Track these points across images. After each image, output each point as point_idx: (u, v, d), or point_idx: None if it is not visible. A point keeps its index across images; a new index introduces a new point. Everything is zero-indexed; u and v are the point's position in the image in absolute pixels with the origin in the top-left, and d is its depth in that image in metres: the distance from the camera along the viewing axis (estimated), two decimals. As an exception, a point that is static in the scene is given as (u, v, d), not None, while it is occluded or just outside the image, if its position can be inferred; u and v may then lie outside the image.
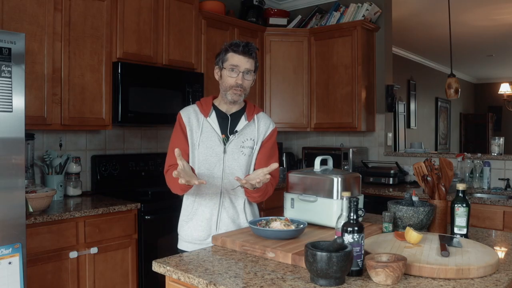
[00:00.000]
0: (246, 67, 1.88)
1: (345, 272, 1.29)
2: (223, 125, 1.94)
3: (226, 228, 1.93)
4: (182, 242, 2.00)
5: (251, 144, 1.94)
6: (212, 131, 1.92)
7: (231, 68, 1.87)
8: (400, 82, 7.38)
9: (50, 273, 2.46)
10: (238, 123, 1.95)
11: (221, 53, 1.92)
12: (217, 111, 1.95)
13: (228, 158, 1.91)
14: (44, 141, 3.06)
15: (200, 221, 1.93)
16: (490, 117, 11.09)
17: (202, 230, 1.93)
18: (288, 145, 5.03)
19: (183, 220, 1.99)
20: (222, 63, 1.90)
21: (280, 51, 4.37)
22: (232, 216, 1.95)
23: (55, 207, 2.67)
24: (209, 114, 1.93)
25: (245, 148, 1.93)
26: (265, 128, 1.99)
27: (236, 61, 1.87)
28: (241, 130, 1.94)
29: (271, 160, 1.96)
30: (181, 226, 2.00)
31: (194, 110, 1.95)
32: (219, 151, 1.90)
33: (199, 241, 1.93)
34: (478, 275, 1.37)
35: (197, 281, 1.38)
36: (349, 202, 1.41)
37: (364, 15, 4.13)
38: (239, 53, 1.87)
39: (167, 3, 3.41)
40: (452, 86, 4.38)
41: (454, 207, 1.82)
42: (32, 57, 2.66)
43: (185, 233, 1.97)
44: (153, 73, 3.28)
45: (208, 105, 1.95)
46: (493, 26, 6.36)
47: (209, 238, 1.89)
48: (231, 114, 1.96)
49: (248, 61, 1.88)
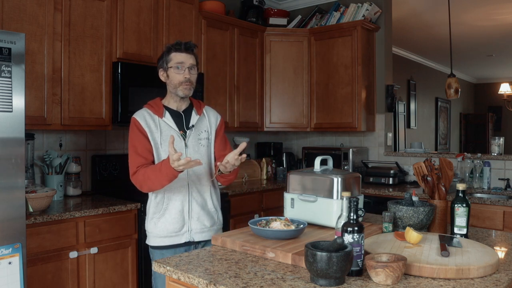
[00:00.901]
0: (190, 62, 2.03)
1: (345, 272, 1.29)
2: (178, 122, 2.06)
3: (198, 215, 2.06)
4: (155, 238, 2.05)
5: (206, 135, 2.12)
6: (170, 129, 2.03)
7: (177, 66, 2.01)
8: (400, 82, 7.38)
9: (50, 273, 2.46)
10: (191, 119, 2.09)
11: (163, 55, 2.06)
12: (169, 110, 2.07)
13: (190, 151, 2.04)
14: (44, 141, 3.06)
15: (174, 214, 2.03)
16: (490, 117, 11.09)
17: (176, 222, 2.03)
18: (288, 145, 5.03)
19: (155, 218, 2.05)
20: (166, 64, 2.04)
21: (280, 51, 4.37)
22: (201, 203, 2.08)
23: (55, 207, 2.67)
24: (163, 114, 2.04)
25: (202, 140, 2.09)
26: (214, 119, 2.17)
27: (181, 59, 2.01)
28: (195, 124, 2.09)
29: (227, 145, 2.18)
30: (153, 224, 2.06)
31: (147, 113, 2.04)
32: (180, 146, 2.03)
33: (174, 233, 2.03)
34: (478, 275, 1.37)
35: (197, 281, 1.38)
36: (349, 202, 1.41)
37: (364, 15, 4.13)
38: (182, 51, 2.02)
39: (167, 3, 3.41)
40: (452, 86, 4.38)
41: (454, 207, 1.82)
42: (32, 57, 2.66)
43: (159, 229, 2.04)
44: (153, 73, 3.25)
45: (159, 106, 2.06)
46: (493, 26, 6.36)
47: (184, 228, 2.04)
48: (182, 111, 2.09)
49: (191, 57, 2.04)
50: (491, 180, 3.62)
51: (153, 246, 2.07)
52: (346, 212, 1.48)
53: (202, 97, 3.55)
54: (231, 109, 3.99)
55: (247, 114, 4.17)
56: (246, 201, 3.61)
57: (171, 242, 2.03)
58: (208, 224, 2.09)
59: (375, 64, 4.32)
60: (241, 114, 4.10)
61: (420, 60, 8.72)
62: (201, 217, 2.07)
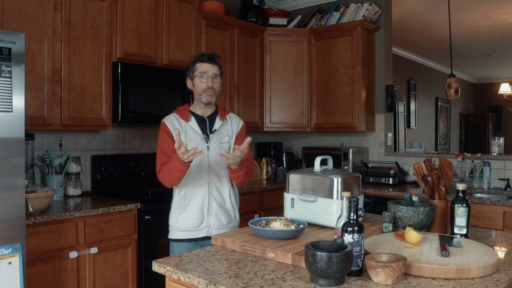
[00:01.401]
0: (213, 72, 2.20)
1: (345, 272, 1.29)
2: (202, 126, 2.24)
3: (216, 213, 2.21)
4: (177, 231, 2.21)
5: (228, 139, 2.27)
6: (194, 133, 2.21)
7: (201, 75, 2.19)
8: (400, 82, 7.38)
9: (50, 273, 2.46)
10: (214, 124, 2.26)
11: (190, 66, 2.25)
12: (195, 116, 2.25)
13: (211, 154, 2.21)
14: (44, 141, 3.06)
15: (194, 210, 2.19)
16: (490, 117, 11.09)
17: (196, 218, 2.19)
18: (288, 145, 5.03)
19: (177, 212, 2.22)
20: (192, 73, 2.23)
21: (280, 51, 4.37)
22: (220, 202, 2.24)
23: (55, 207, 2.67)
24: (189, 119, 2.22)
25: (224, 143, 2.25)
26: (236, 124, 2.34)
27: (204, 68, 2.20)
28: (218, 128, 2.25)
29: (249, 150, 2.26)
30: (175, 218, 2.22)
31: (175, 117, 2.24)
32: (203, 148, 2.17)
33: (194, 227, 2.19)
34: (478, 275, 1.37)
35: (197, 281, 1.38)
36: (349, 202, 1.41)
37: (364, 15, 4.13)
38: (205, 61, 2.21)
39: (167, 3, 3.41)
40: (452, 86, 4.38)
41: (454, 207, 1.82)
42: (32, 57, 2.66)
43: (180, 223, 2.20)
44: (153, 73, 3.28)
45: (186, 112, 2.25)
46: (493, 26, 6.36)
47: (202, 224, 2.19)
48: (207, 116, 2.27)
49: (214, 67, 2.22)
50: (491, 180, 3.62)
51: (174, 239, 2.23)
52: (346, 212, 1.48)
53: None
54: (231, 109, 3.99)
55: (247, 114, 4.17)
56: (246, 201, 3.61)
57: (190, 236, 2.19)
58: (225, 221, 2.24)
59: (375, 64, 4.32)
60: (241, 114, 4.10)
61: (420, 60, 8.72)
62: (219, 214, 2.22)
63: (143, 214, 2.89)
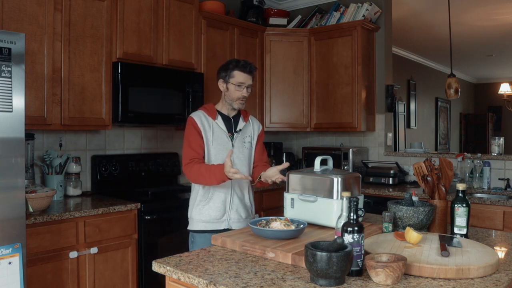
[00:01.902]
0: (249, 83, 2.32)
1: (345, 272, 1.29)
2: (228, 125, 2.36)
3: (236, 207, 2.34)
4: (199, 223, 2.31)
5: (250, 140, 2.42)
6: (221, 131, 2.32)
7: (239, 85, 2.28)
8: (400, 82, 7.38)
9: (50, 273, 2.46)
10: (238, 124, 2.39)
11: (228, 69, 2.30)
12: (221, 115, 2.36)
13: (235, 151, 2.33)
14: (44, 141, 3.06)
15: (217, 203, 2.30)
16: (490, 117, 11.09)
17: (218, 210, 2.30)
18: (288, 145, 5.02)
19: (201, 205, 2.31)
20: (228, 78, 2.30)
21: (280, 51, 4.37)
22: (240, 197, 2.36)
23: (55, 207, 2.67)
24: (216, 117, 2.33)
25: (246, 143, 2.39)
26: (257, 127, 2.49)
27: (243, 79, 2.28)
28: (242, 129, 2.38)
29: (264, 152, 2.50)
30: (198, 210, 2.32)
31: (202, 114, 2.33)
32: (228, 146, 2.32)
33: (216, 219, 2.30)
34: (478, 275, 1.37)
35: (197, 281, 1.38)
36: (349, 202, 1.41)
37: (364, 15, 4.13)
38: (246, 72, 2.29)
39: (167, 3, 3.41)
40: (452, 86, 4.38)
41: (454, 207, 1.82)
42: (32, 57, 2.66)
43: (203, 215, 2.30)
44: (153, 73, 3.28)
45: (213, 110, 2.35)
46: (493, 26, 6.36)
47: (224, 216, 2.31)
48: (232, 116, 2.39)
49: (250, 78, 2.32)
50: (491, 180, 3.62)
51: (196, 230, 2.32)
52: (346, 212, 1.48)
53: (202, 97, 3.55)
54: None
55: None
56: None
57: (212, 227, 2.29)
58: (243, 215, 2.37)
59: (375, 64, 4.32)
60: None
61: (420, 60, 8.72)
62: (239, 208, 2.35)
63: (143, 214, 2.88)
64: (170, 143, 3.86)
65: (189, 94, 3.46)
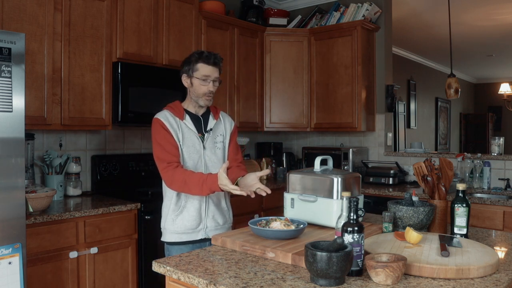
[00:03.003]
0: (215, 76, 2.13)
1: (345, 272, 1.29)
2: (197, 125, 2.17)
3: (213, 214, 2.18)
4: (173, 234, 2.14)
5: (222, 139, 2.23)
6: (190, 132, 2.14)
7: (204, 79, 2.10)
8: (400, 82, 7.38)
9: (50, 273, 2.46)
10: (208, 123, 2.21)
11: (191, 62, 2.12)
12: (189, 114, 2.18)
13: (207, 153, 2.17)
14: (44, 141, 3.06)
15: (192, 212, 2.13)
16: (490, 117, 11.09)
17: (193, 220, 2.14)
18: (288, 145, 5.02)
19: (174, 215, 2.14)
20: (192, 72, 2.12)
21: (280, 51, 4.37)
22: (216, 203, 2.21)
23: (55, 207, 2.67)
24: (184, 117, 2.15)
25: (218, 143, 2.21)
26: (229, 125, 2.29)
27: (208, 72, 2.10)
28: (213, 128, 2.20)
29: (238, 150, 2.31)
30: (171, 220, 2.14)
31: (169, 114, 2.13)
32: (199, 148, 2.15)
33: (191, 229, 2.14)
34: (478, 275, 1.37)
35: (197, 281, 1.38)
36: (349, 202, 1.41)
37: (364, 15, 4.13)
38: (210, 64, 2.10)
39: (167, 3, 3.41)
40: (452, 86, 4.38)
41: (454, 207, 1.82)
42: (32, 57, 2.66)
43: (176, 226, 2.13)
44: (153, 73, 3.28)
45: (180, 109, 2.16)
46: (493, 26, 6.36)
47: (200, 225, 2.15)
48: (201, 115, 2.21)
49: (217, 70, 2.13)
50: (491, 180, 3.62)
51: (170, 242, 2.16)
52: (346, 212, 1.48)
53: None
54: (231, 109, 3.99)
55: (247, 114, 4.17)
56: (246, 201, 3.60)
57: (188, 238, 2.14)
58: (221, 222, 2.22)
59: (375, 64, 4.32)
60: (241, 114, 4.10)
61: (420, 60, 8.72)
62: (216, 215, 2.19)
63: (143, 214, 2.88)
64: (170, 143, 3.85)
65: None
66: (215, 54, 2.13)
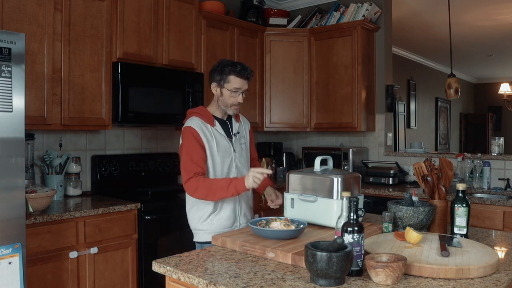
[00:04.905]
0: (245, 88, 2.19)
1: (345, 272, 1.29)
2: (225, 129, 2.24)
3: (244, 211, 2.30)
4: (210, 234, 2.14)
5: (244, 140, 2.34)
6: (221, 137, 2.21)
7: (235, 91, 2.15)
8: (400, 82, 7.38)
9: (50, 273, 2.46)
10: (233, 126, 2.30)
11: (223, 72, 2.15)
12: (216, 119, 2.24)
13: (237, 155, 2.26)
14: (44, 141, 3.06)
15: (228, 211, 2.22)
16: (490, 117, 11.09)
17: (229, 219, 2.23)
18: (288, 145, 5.02)
19: (211, 215, 2.19)
20: (223, 83, 2.15)
21: (280, 51, 4.37)
22: (246, 201, 2.32)
23: (55, 207, 2.67)
24: (214, 123, 2.20)
25: (243, 144, 2.31)
26: (247, 126, 2.42)
27: (239, 85, 2.15)
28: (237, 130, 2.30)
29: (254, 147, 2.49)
30: (209, 221, 2.19)
31: (201, 121, 2.17)
32: (230, 151, 2.23)
33: (228, 228, 2.22)
34: (478, 275, 1.37)
35: (197, 281, 1.38)
36: (349, 202, 1.41)
37: (364, 15, 4.13)
38: (243, 78, 2.16)
39: (167, 3, 3.41)
40: (452, 86, 4.37)
41: (454, 207, 1.82)
42: (32, 57, 2.66)
43: (214, 226, 2.19)
44: (153, 73, 3.28)
45: (209, 116, 2.21)
46: (493, 26, 6.36)
47: (235, 223, 2.25)
48: (226, 119, 2.28)
49: (247, 83, 2.19)
50: (491, 180, 3.62)
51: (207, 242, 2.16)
52: (346, 212, 1.48)
53: (202, 97, 3.55)
54: (231, 109, 3.99)
55: (247, 114, 4.16)
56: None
57: None
58: (250, 217, 2.35)
59: (375, 64, 4.32)
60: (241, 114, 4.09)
61: (420, 60, 8.72)
62: (246, 212, 2.32)
63: (143, 214, 2.88)
64: (170, 143, 3.86)
65: (189, 94, 3.46)
66: (247, 68, 2.18)
